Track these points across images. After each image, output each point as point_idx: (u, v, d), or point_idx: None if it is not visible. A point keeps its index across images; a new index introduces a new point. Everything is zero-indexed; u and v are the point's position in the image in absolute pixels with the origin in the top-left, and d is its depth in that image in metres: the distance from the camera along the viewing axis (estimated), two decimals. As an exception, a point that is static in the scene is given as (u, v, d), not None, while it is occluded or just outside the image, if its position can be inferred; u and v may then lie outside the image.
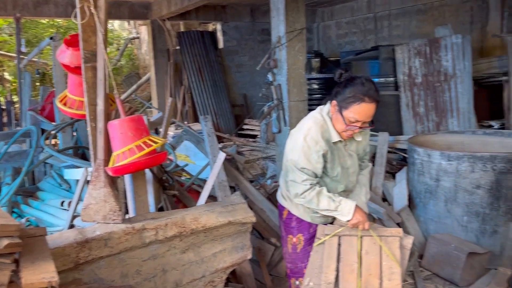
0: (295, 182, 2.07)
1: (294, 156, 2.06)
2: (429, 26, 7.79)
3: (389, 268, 2.00)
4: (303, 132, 2.06)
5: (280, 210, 2.35)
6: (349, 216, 2.07)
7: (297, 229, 2.27)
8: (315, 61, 8.34)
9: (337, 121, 2.08)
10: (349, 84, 2.06)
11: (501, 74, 6.35)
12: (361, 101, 2.01)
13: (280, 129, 5.18)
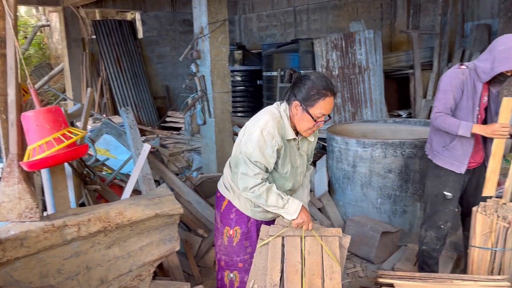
0: (247, 176, 2.03)
1: (248, 149, 2.02)
2: (345, 21, 8.21)
3: (330, 267, 2.06)
4: (260, 125, 2.02)
5: (220, 200, 2.30)
6: (295, 215, 2.08)
7: (235, 222, 2.24)
8: (237, 53, 8.40)
9: (302, 120, 2.07)
10: (307, 82, 2.04)
11: (407, 67, 6.90)
12: (325, 96, 2.02)
13: (205, 121, 5.17)
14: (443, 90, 2.75)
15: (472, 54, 6.24)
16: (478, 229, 2.68)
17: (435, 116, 2.74)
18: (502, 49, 2.57)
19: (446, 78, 2.77)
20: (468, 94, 2.72)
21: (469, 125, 2.61)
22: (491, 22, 6.27)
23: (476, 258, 2.68)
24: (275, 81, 7.35)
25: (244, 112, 8.55)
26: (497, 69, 2.58)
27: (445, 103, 2.72)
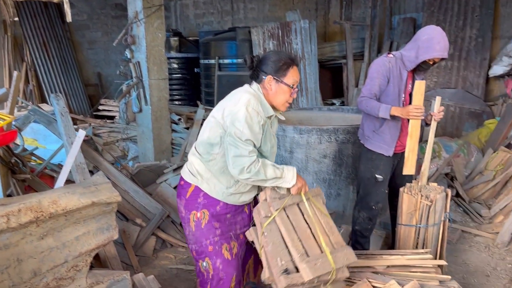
0: (241, 156, 1.97)
1: (237, 129, 1.97)
2: (281, 10, 8.32)
3: (327, 224, 2.21)
4: (243, 102, 2.00)
5: (184, 187, 2.20)
6: (294, 181, 2.09)
7: (203, 205, 2.16)
8: (173, 40, 8.23)
9: (278, 93, 2.11)
10: (271, 56, 2.12)
11: (341, 57, 7.17)
12: (292, 64, 2.12)
13: (141, 108, 5.04)
14: (370, 77, 2.92)
15: (399, 46, 6.61)
16: (405, 208, 2.88)
17: (360, 100, 2.91)
18: (425, 38, 2.74)
19: (374, 66, 2.93)
20: (395, 81, 2.89)
21: (388, 107, 2.78)
22: (416, 15, 6.67)
23: (402, 235, 2.89)
24: (213, 69, 7.31)
25: (181, 100, 8.42)
26: (421, 57, 2.75)
27: (370, 88, 2.88)
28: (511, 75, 5.62)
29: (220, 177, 2.14)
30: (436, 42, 2.70)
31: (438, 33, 2.73)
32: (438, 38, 2.71)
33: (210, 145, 2.09)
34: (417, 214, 2.82)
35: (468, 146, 4.84)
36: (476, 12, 5.86)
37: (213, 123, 2.10)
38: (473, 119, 5.73)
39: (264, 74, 2.10)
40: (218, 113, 2.10)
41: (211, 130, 2.10)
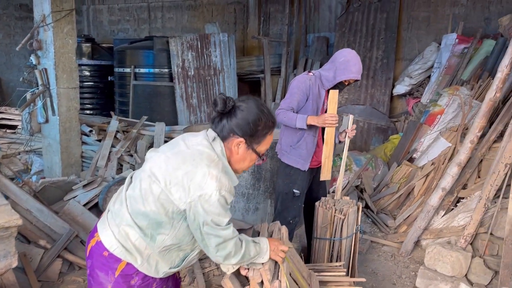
0: (226, 242, 1.66)
1: (214, 216, 1.61)
2: (200, 22, 8.30)
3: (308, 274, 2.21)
4: (213, 185, 1.60)
5: (110, 262, 1.70)
6: (268, 253, 1.82)
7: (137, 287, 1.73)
8: (85, 46, 7.78)
9: (243, 160, 1.74)
10: (251, 113, 1.69)
11: (259, 71, 7.31)
12: (272, 129, 1.75)
13: (47, 119, 4.67)
14: (290, 92, 3.03)
15: (313, 63, 6.92)
16: (319, 222, 2.97)
17: (277, 112, 3.00)
18: (342, 61, 2.94)
19: (295, 82, 3.05)
20: (314, 98, 3.03)
21: (304, 117, 2.91)
22: (329, 35, 7.04)
23: (317, 248, 2.98)
24: (128, 78, 7.03)
25: (93, 109, 7.96)
26: (338, 78, 2.95)
27: (289, 103, 2.99)
28: (412, 94, 6.15)
29: (165, 256, 1.72)
30: (352, 64, 2.91)
31: (353, 57, 2.95)
32: (354, 61, 2.92)
33: (157, 223, 1.66)
34: (331, 228, 2.93)
35: (376, 159, 5.17)
36: (382, 35, 6.34)
37: (163, 199, 1.64)
38: (379, 134, 6.15)
39: (235, 134, 1.69)
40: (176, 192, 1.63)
41: (159, 205, 1.65)
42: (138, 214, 1.67)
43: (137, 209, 1.67)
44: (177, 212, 1.64)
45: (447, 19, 6.05)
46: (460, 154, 3.31)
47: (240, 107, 1.70)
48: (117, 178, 3.90)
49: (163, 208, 1.63)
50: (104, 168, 4.53)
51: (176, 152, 1.69)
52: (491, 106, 3.12)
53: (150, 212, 1.64)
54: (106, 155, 4.62)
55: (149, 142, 5.00)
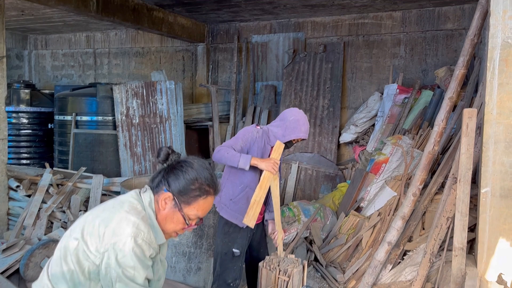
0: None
1: (127, 270, 1.42)
2: (147, 68, 8.17)
3: None
4: (130, 231, 1.44)
5: None
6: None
7: None
8: (24, 92, 7.42)
9: (169, 219, 1.58)
10: (189, 170, 1.58)
11: (207, 119, 7.20)
12: (207, 194, 1.60)
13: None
14: (236, 137, 2.98)
15: (262, 110, 6.91)
16: (263, 284, 2.78)
17: (218, 149, 2.86)
18: (292, 119, 2.96)
19: (243, 131, 3.01)
20: (258, 151, 2.95)
21: (249, 157, 2.80)
22: (276, 83, 7.11)
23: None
24: (69, 126, 6.69)
25: (30, 159, 7.49)
26: (287, 137, 2.94)
27: (232, 144, 2.90)
28: (358, 142, 6.22)
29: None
30: (302, 124, 2.95)
31: (302, 117, 2.99)
32: (303, 121, 2.96)
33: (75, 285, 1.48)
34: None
35: (324, 209, 5.08)
36: (327, 84, 6.46)
37: (79, 253, 1.48)
38: (328, 182, 6.12)
39: (167, 186, 1.58)
40: (91, 241, 1.47)
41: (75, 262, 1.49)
42: (57, 278, 1.51)
43: (56, 272, 1.52)
44: (94, 272, 1.48)
45: (388, 70, 6.29)
46: (403, 207, 3.27)
47: (183, 163, 1.62)
48: (43, 240, 3.54)
49: (79, 265, 1.48)
50: (32, 227, 4.13)
51: (100, 205, 1.61)
52: (430, 159, 3.14)
53: (68, 273, 1.48)
54: (35, 212, 4.23)
55: (85, 196, 4.66)
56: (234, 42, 7.29)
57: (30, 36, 9.29)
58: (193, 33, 7.30)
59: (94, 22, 7.42)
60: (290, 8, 6.15)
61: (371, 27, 6.39)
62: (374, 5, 5.86)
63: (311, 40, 6.86)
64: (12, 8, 6.47)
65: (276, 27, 7.09)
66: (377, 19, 6.34)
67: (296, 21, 6.89)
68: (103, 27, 7.98)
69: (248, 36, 7.30)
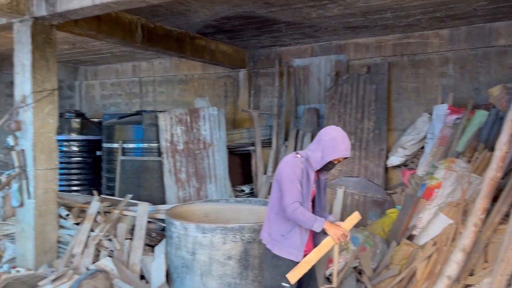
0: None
1: None
2: (191, 95, 8.31)
3: None
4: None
5: None
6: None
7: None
8: (75, 121, 7.74)
9: None
10: None
11: (249, 144, 7.17)
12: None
13: (22, 202, 4.40)
14: (289, 180, 2.79)
15: (304, 134, 6.80)
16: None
17: (294, 207, 2.72)
18: (328, 139, 2.80)
19: (288, 167, 2.84)
20: (304, 182, 2.82)
21: (323, 221, 2.72)
22: (319, 106, 7.00)
23: None
24: (116, 153, 6.86)
25: (80, 185, 7.73)
26: (326, 158, 2.78)
27: (297, 192, 2.77)
28: (407, 165, 5.96)
29: None
30: (340, 142, 2.78)
31: (339, 133, 2.82)
32: (340, 138, 2.79)
33: None
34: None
35: (373, 237, 4.85)
36: (372, 106, 6.28)
37: None
38: (376, 208, 5.87)
39: None
40: None
41: None
42: None
43: None
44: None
45: (436, 89, 6.03)
46: (464, 239, 3.03)
47: None
48: (91, 270, 3.56)
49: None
50: (81, 255, 4.18)
51: None
52: (493, 187, 2.91)
53: None
54: (83, 241, 4.29)
55: (131, 224, 4.69)
56: (275, 67, 7.29)
57: (81, 68, 9.74)
58: (235, 59, 7.37)
59: (140, 52, 7.67)
60: (332, 30, 6.08)
61: (416, 46, 6.18)
62: (420, 24, 5.67)
63: (354, 61, 6.73)
64: (65, 42, 6.81)
65: (317, 50, 7.03)
66: (423, 38, 6.13)
67: (337, 43, 6.80)
68: (148, 56, 8.24)
69: (289, 60, 7.27)
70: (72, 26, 4.79)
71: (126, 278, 3.80)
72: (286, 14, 5.23)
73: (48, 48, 4.47)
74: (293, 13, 5.20)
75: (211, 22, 5.70)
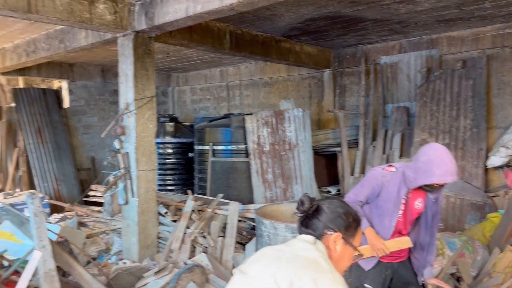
0: None
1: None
2: (275, 97, 8.46)
3: None
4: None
5: None
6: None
7: None
8: (169, 125, 8.27)
9: (343, 258, 1.63)
10: (338, 208, 1.67)
11: (335, 144, 7.10)
12: (359, 223, 1.71)
13: (127, 200, 4.82)
14: (361, 184, 2.75)
15: (393, 134, 6.57)
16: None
17: (350, 200, 2.70)
18: (424, 160, 2.50)
19: (371, 175, 2.76)
20: (389, 197, 2.65)
21: (366, 225, 2.63)
22: (409, 105, 6.71)
23: None
24: (206, 154, 7.22)
25: (174, 185, 8.24)
26: (419, 181, 2.53)
27: (356, 194, 2.71)
28: (510, 166, 5.49)
29: None
30: (435, 165, 2.43)
31: (438, 156, 2.46)
32: (437, 161, 2.43)
33: None
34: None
35: (473, 242, 4.54)
36: (469, 103, 5.87)
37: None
38: (475, 211, 5.49)
39: (330, 230, 1.62)
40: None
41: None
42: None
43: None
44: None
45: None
46: None
47: (325, 204, 1.69)
48: (188, 265, 3.80)
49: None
50: (178, 250, 4.48)
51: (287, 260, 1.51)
52: None
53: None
54: (180, 237, 4.59)
55: (222, 222, 4.92)
56: (361, 65, 7.14)
57: (173, 74, 10.39)
58: (319, 60, 7.35)
59: (227, 58, 7.98)
60: (422, 25, 5.80)
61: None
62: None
63: (447, 56, 6.35)
64: (159, 51, 7.33)
65: (406, 46, 6.75)
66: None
67: (429, 38, 6.47)
68: (234, 61, 8.54)
69: (376, 58, 7.08)
70: (167, 37, 5.15)
71: (220, 274, 3.99)
72: (373, 11, 5.11)
73: (147, 59, 4.85)
74: (380, 10, 5.07)
75: (296, 24, 5.76)
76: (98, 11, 4.33)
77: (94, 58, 7.94)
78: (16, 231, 4.56)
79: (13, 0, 3.76)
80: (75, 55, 6.91)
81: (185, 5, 4.03)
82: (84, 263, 4.53)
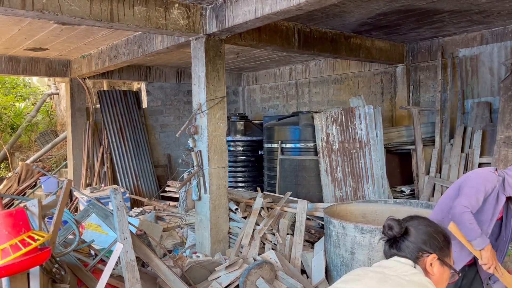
0: None
1: None
2: (345, 94, 8.31)
3: None
4: None
5: None
6: None
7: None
8: (239, 123, 8.46)
9: (441, 279, 1.59)
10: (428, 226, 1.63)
11: (409, 142, 6.83)
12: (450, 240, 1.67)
13: (200, 197, 5.04)
14: (476, 188, 2.55)
15: (474, 131, 6.17)
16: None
17: (463, 210, 2.49)
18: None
19: (481, 177, 2.60)
20: (492, 202, 2.57)
21: (486, 241, 2.45)
22: (491, 100, 6.27)
23: None
24: (275, 152, 7.30)
25: (245, 182, 8.43)
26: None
27: (474, 203, 2.51)
28: None
29: None
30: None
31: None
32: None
33: None
34: None
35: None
36: (561, 97, 5.36)
37: None
38: None
39: (425, 252, 1.57)
40: None
41: None
42: None
43: None
44: None
45: None
46: None
47: (412, 225, 1.63)
48: (258, 261, 3.90)
49: None
50: (248, 246, 4.60)
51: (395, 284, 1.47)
52: None
53: None
54: (250, 233, 4.71)
55: (291, 220, 4.96)
56: (438, 59, 6.78)
57: (243, 74, 10.61)
58: (391, 54, 7.11)
59: (296, 56, 7.99)
60: (506, 14, 5.39)
61: None
62: None
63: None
64: (230, 52, 7.53)
65: (488, 37, 6.30)
66: None
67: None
68: (303, 59, 8.52)
69: (453, 51, 6.69)
70: (237, 39, 5.29)
71: (288, 271, 4.04)
72: (450, 2, 4.84)
73: (218, 61, 5.02)
74: (457, 1, 4.79)
75: (366, 20, 5.62)
76: (172, 17, 4.57)
77: (169, 60, 8.36)
78: (101, 223, 4.96)
79: (97, 11, 4.10)
80: (152, 58, 7.33)
81: (254, 7, 4.12)
82: (161, 255, 4.83)
